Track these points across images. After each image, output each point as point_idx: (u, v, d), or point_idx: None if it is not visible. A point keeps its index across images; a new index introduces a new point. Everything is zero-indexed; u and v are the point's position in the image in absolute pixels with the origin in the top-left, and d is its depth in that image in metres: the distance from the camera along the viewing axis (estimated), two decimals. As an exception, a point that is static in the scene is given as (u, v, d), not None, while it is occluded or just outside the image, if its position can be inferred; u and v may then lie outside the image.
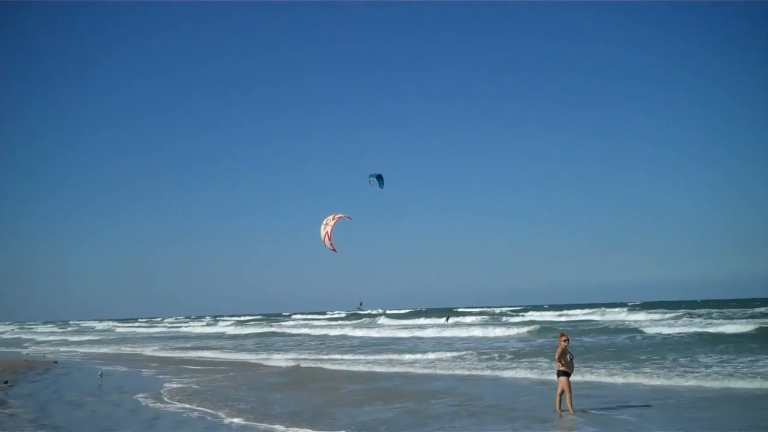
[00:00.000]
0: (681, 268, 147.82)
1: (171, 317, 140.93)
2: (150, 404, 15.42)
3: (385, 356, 25.79)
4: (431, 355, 24.97)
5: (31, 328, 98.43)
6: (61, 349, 43.89)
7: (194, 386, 18.92)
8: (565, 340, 12.34)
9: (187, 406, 14.91)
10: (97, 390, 18.70)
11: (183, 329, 72.38)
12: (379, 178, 18.74)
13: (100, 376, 21.63)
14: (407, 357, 25.07)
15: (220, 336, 53.47)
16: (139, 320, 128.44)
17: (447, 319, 64.71)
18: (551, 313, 71.46)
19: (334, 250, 17.62)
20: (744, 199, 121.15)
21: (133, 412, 14.37)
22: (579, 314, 64.79)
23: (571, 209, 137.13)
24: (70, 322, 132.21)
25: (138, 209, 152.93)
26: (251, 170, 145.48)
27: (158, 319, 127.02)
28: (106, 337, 60.83)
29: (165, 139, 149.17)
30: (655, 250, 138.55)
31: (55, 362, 30.09)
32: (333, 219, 17.82)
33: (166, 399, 16.19)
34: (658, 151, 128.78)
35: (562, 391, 12.26)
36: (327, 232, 17.61)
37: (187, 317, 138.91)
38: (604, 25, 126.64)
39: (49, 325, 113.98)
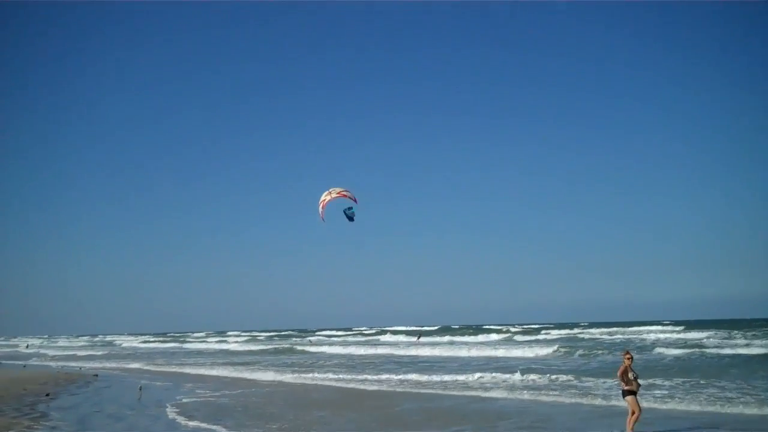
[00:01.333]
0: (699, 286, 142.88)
1: (202, 332, 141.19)
2: (182, 420, 14.98)
3: (422, 377, 24.26)
4: (473, 376, 23.42)
5: (56, 342, 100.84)
6: (51, 364, 44.09)
7: (228, 401, 18.36)
8: (628, 358, 11.98)
9: (218, 426, 14.29)
10: (136, 403, 18.33)
11: (208, 346, 70.99)
12: (349, 210, 18.14)
13: (140, 389, 21.32)
14: (447, 378, 23.62)
15: (248, 353, 52.67)
16: (170, 335, 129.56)
17: (418, 338, 63.30)
18: (567, 331, 68.67)
19: (323, 219, 16.57)
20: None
21: (170, 427, 13.94)
22: (598, 333, 60.69)
23: (581, 228, 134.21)
24: (98, 336, 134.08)
25: (163, 222, 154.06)
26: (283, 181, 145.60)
27: (190, 334, 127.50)
28: (111, 352, 61.77)
29: (180, 147, 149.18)
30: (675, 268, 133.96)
31: (96, 375, 30.02)
32: (338, 193, 16.70)
33: (196, 414, 15.70)
34: (672, 168, 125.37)
35: (633, 412, 11.66)
36: (324, 201, 16.51)
37: (219, 332, 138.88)
38: (606, 38, 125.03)
39: (72, 339, 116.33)
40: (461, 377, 23.47)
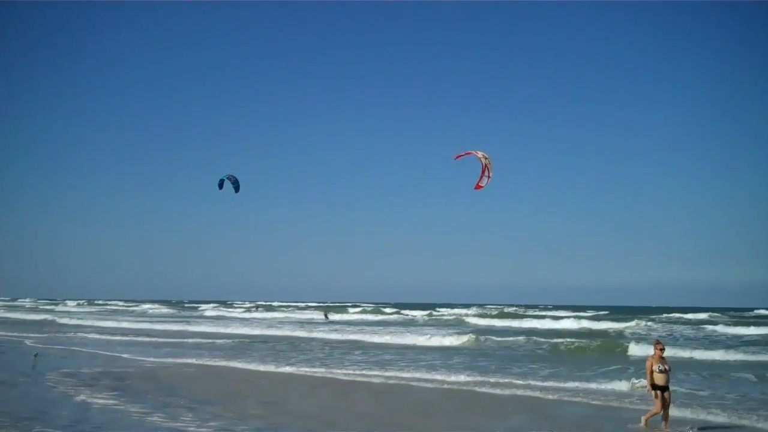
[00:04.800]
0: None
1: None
2: (78, 388, 15.31)
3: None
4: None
5: None
6: None
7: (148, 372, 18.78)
8: (660, 349, 11.63)
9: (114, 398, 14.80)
10: (31, 371, 18.35)
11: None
12: (234, 183, 18.70)
13: (35, 356, 21.18)
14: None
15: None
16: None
17: (326, 316, 61.01)
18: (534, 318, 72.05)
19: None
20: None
21: (65, 395, 14.28)
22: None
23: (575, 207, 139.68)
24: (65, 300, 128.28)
25: (142, 193, 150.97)
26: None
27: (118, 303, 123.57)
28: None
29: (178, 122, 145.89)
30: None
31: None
32: (484, 159, 16.51)
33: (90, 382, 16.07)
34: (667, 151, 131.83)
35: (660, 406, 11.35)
36: (472, 153, 16.41)
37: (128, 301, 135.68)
38: (615, 24, 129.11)
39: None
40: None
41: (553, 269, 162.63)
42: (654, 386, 11.31)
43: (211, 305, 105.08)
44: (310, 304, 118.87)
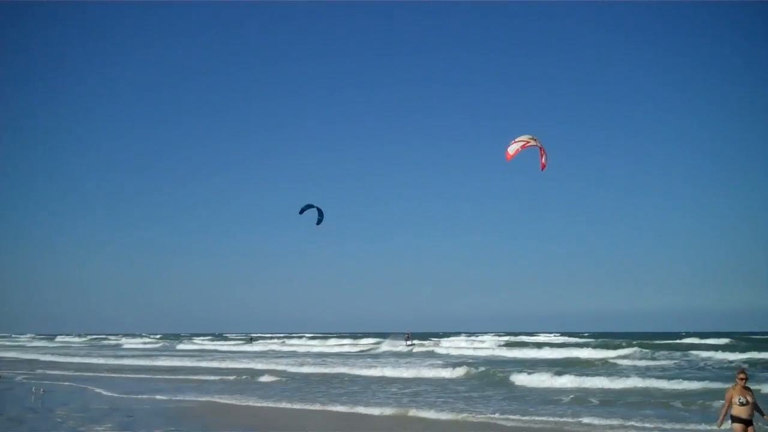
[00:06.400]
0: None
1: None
2: (87, 424, 15.48)
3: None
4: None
5: None
6: None
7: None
8: (742, 379, 10.82)
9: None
10: (38, 406, 18.55)
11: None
12: (319, 212, 18.90)
13: (42, 392, 21.38)
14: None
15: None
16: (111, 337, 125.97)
17: (407, 339, 64.64)
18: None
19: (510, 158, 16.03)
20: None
21: (73, 431, 14.43)
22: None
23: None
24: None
25: (145, 221, 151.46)
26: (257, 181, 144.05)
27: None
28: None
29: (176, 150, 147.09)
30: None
31: (0, 377, 29.38)
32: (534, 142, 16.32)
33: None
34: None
35: None
36: (525, 144, 16.07)
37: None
38: (625, 48, 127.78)
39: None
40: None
41: (546, 296, 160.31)
42: (737, 419, 10.56)
43: (207, 338, 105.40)
44: (304, 334, 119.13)
